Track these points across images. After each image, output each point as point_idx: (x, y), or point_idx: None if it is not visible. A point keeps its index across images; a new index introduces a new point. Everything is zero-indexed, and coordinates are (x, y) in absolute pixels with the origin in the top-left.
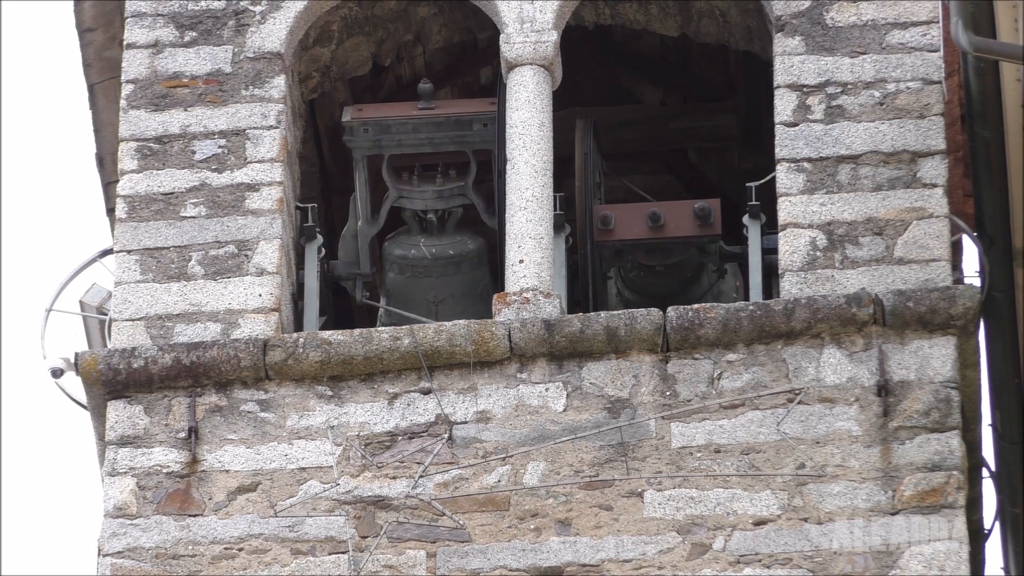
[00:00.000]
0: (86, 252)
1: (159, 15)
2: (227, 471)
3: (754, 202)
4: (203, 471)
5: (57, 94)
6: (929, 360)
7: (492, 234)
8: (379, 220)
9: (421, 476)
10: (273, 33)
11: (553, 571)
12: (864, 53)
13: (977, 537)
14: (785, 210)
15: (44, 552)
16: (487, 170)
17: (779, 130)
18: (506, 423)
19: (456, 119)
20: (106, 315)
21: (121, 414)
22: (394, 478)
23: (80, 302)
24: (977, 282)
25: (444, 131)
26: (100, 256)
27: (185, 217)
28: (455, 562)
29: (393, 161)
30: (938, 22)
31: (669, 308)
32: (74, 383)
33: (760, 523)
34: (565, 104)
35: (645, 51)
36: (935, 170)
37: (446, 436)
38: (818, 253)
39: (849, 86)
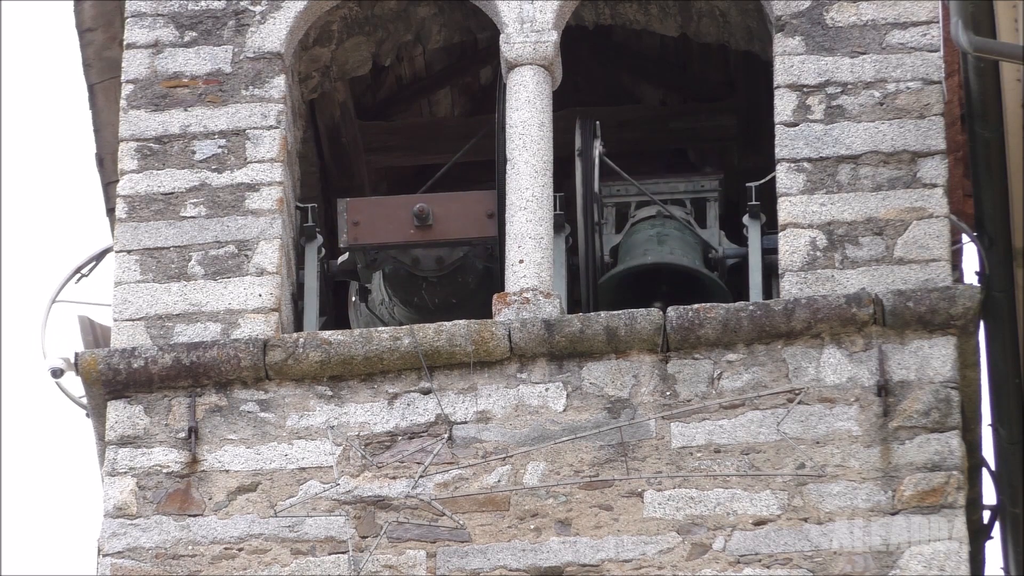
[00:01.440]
0: (65, 270)
1: (159, 15)
2: (227, 471)
3: (754, 202)
4: (203, 471)
5: (57, 94)
6: (929, 360)
7: (492, 241)
8: (378, 266)
9: (421, 476)
10: (273, 33)
11: (553, 571)
12: (864, 53)
13: (977, 537)
14: (785, 210)
15: (44, 552)
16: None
17: (779, 130)
18: (506, 423)
19: (456, 242)
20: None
21: (121, 414)
22: (394, 478)
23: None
24: (977, 282)
25: (444, 249)
26: (51, 304)
27: (185, 217)
28: (455, 562)
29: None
30: (938, 22)
31: (669, 308)
32: (74, 383)
33: (760, 523)
34: (565, 104)
35: (645, 51)
36: (935, 170)
37: (446, 436)
38: (818, 253)
39: (849, 86)
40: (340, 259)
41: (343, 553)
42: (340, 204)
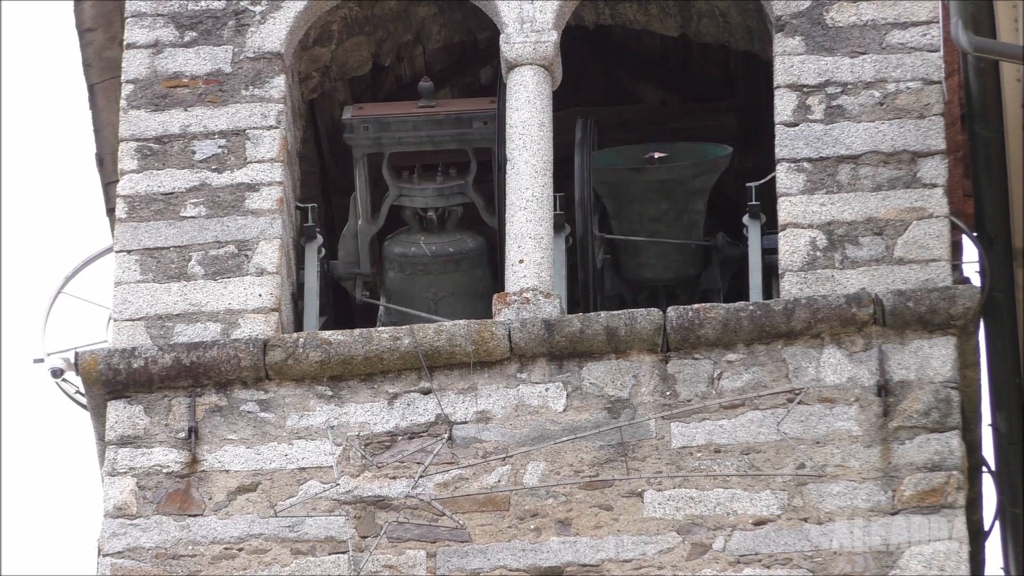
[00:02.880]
0: (64, 269)
1: (159, 15)
2: (227, 471)
3: (754, 202)
4: (203, 471)
5: (57, 94)
6: (929, 360)
7: (492, 234)
8: (379, 219)
9: (421, 476)
10: (273, 33)
11: (553, 571)
12: (864, 53)
13: (977, 537)
14: (785, 210)
15: (44, 552)
16: (487, 170)
17: (779, 130)
18: (506, 423)
19: (456, 116)
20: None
21: (121, 414)
22: (394, 478)
23: (51, 370)
24: (977, 282)
25: (444, 128)
26: (58, 292)
27: (185, 217)
28: (455, 562)
29: (393, 161)
30: (938, 22)
31: (669, 308)
32: (74, 383)
33: (760, 523)
34: (565, 104)
35: (645, 51)
36: (935, 170)
37: (446, 436)
38: (818, 253)
39: (849, 86)
40: (343, 231)
41: (343, 553)
42: (345, 110)
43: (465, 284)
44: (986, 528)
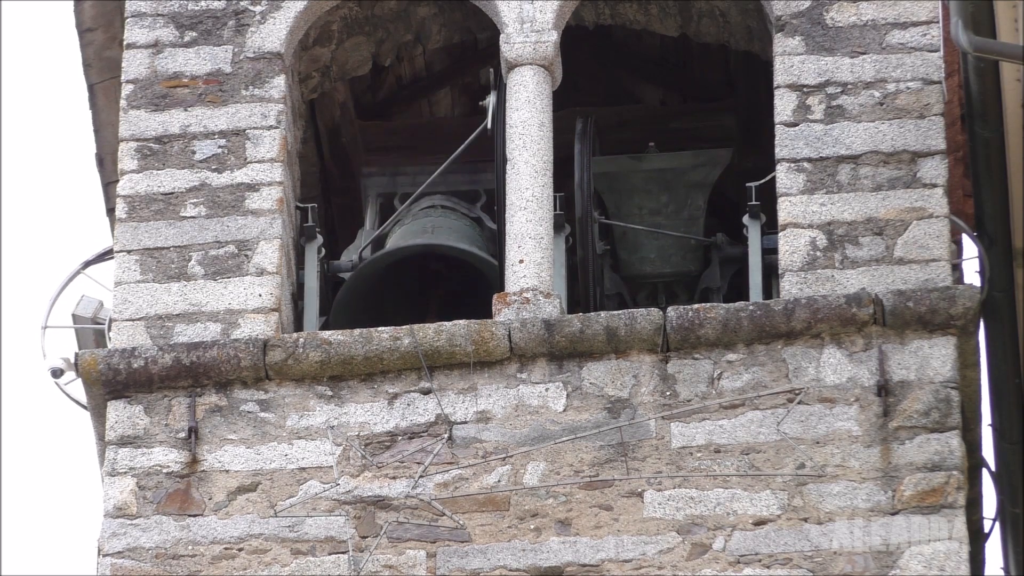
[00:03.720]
0: (73, 262)
1: (159, 15)
2: (227, 471)
3: (754, 202)
4: (203, 471)
5: (57, 94)
6: (929, 360)
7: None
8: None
9: (421, 476)
10: (273, 33)
11: (553, 571)
12: (864, 53)
13: (977, 537)
14: (785, 210)
15: (44, 552)
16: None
17: (779, 130)
18: (506, 423)
19: (472, 163)
20: (101, 324)
21: (121, 414)
22: (394, 478)
23: (72, 315)
24: (977, 282)
25: (459, 174)
26: (83, 268)
27: (185, 217)
28: (455, 562)
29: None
30: (938, 22)
31: (669, 308)
32: (74, 383)
33: (760, 523)
34: (565, 104)
35: (645, 51)
36: (935, 170)
37: (446, 436)
38: (818, 253)
39: (849, 86)
40: (345, 250)
41: (343, 553)
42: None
43: (464, 229)
44: (986, 528)
